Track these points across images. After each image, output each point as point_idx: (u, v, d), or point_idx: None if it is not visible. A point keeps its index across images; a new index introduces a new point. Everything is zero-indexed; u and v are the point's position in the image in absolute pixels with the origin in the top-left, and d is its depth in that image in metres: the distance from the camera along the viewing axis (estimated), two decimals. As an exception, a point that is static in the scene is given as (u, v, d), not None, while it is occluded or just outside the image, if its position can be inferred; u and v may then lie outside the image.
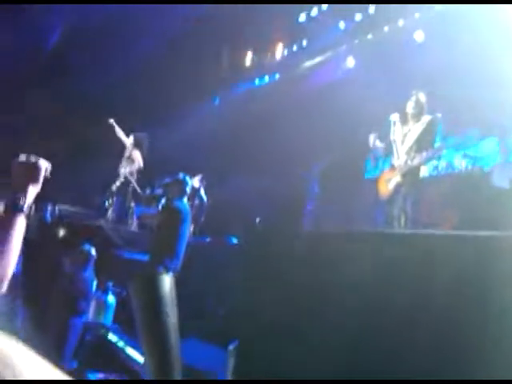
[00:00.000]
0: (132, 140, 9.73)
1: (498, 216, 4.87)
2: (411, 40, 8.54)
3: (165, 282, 4.41)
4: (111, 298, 6.43)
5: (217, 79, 12.19)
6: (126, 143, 9.76)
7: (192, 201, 8.56)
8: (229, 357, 3.73)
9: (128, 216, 9.41)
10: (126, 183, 9.39)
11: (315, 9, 9.93)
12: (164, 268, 5.35)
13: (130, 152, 9.62)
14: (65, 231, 7.89)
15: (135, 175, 9.55)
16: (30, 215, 1.37)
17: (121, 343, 5.83)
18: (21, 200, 1.39)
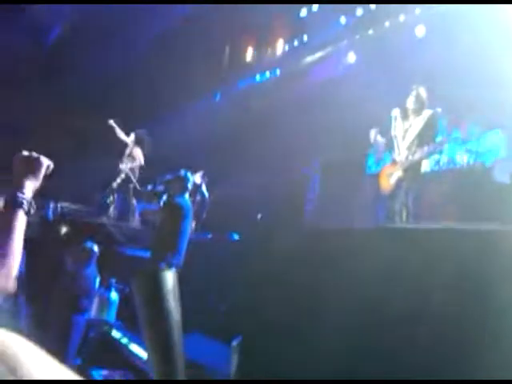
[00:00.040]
0: (133, 137, 9.72)
1: (500, 211, 4.87)
2: (412, 35, 8.50)
3: (167, 278, 4.40)
4: (114, 295, 6.43)
5: (217, 76, 12.18)
6: (128, 142, 9.76)
7: (194, 197, 8.57)
8: (232, 353, 3.73)
9: (130, 213, 9.42)
10: (127, 180, 9.40)
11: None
12: (166, 264, 5.36)
13: (131, 149, 9.62)
14: (67, 229, 7.89)
15: (136, 172, 9.55)
16: (31, 211, 1.36)
17: (124, 340, 5.83)
18: (20, 195, 1.38)
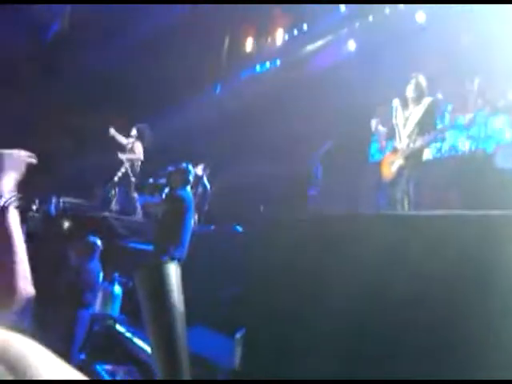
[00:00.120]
0: (135, 131, 9.70)
1: (501, 197, 4.85)
2: (413, 21, 8.43)
3: (170, 271, 4.40)
4: (118, 289, 6.44)
5: (218, 66, 12.13)
6: (129, 140, 9.71)
7: (195, 189, 8.56)
8: (236, 345, 3.73)
9: (132, 206, 9.42)
10: (128, 174, 9.40)
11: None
12: (169, 257, 5.35)
13: (133, 144, 9.60)
14: (69, 223, 7.91)
15: (137, 166, 9.54)
16: (20, 206, 1.32)
17: (128, 334, 5.85)
18: None
